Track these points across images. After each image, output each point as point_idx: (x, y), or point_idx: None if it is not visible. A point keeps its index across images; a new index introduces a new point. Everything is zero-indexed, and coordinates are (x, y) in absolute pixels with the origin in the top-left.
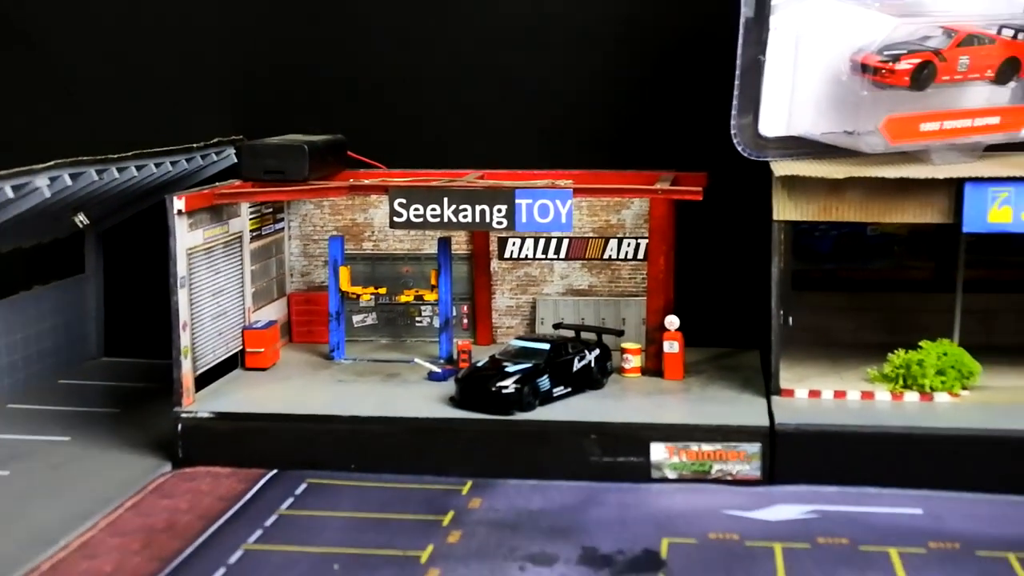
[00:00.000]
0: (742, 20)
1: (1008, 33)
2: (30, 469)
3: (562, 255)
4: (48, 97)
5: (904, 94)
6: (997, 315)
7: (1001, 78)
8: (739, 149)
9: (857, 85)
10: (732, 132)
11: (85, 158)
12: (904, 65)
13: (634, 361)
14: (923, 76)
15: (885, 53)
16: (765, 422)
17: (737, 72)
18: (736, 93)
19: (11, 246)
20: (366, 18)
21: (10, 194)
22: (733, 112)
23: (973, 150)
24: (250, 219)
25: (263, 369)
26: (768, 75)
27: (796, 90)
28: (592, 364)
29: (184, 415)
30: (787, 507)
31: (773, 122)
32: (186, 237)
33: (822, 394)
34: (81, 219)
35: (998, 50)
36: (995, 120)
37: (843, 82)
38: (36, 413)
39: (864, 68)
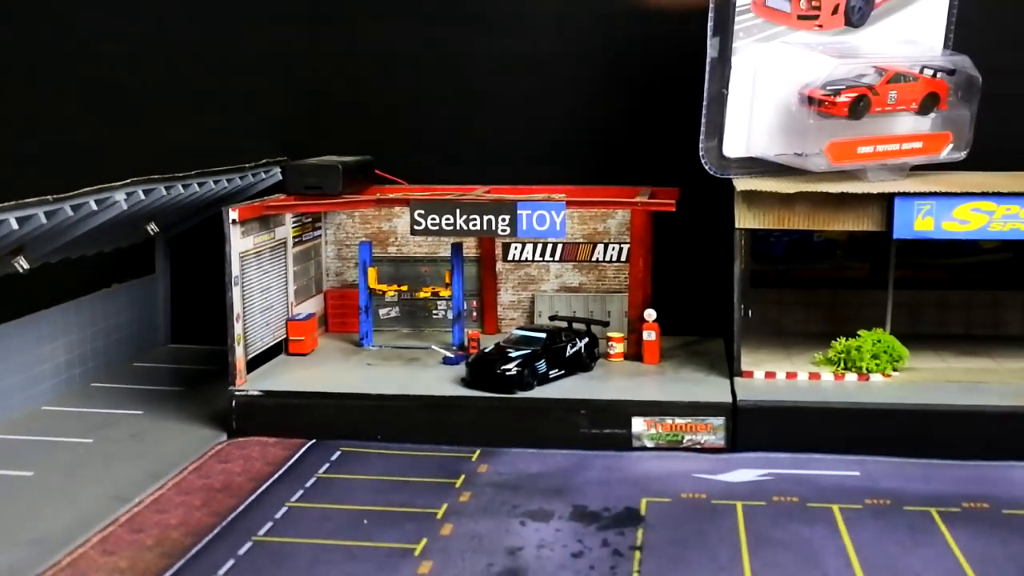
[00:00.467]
0: (708, 60)
1: (928, 72)
2: (110, 438)
3: (556, 258)
4: (124, 123)
5: (843, 122)
6: (922, 308)
7: (923, 110)
8: (706, 168)
9: (804, 115)
10: (700, 153)
11: (155, 176)
12: (844, 98)
13: (618, 347)
14: (859, 107)
15: (828, 88)
16: (728, 399)
17: (704, 103)
18: (703, 121)
19: (95, 250)
20: (391, 59)
21: (94, 207)
22: (701, 136)
23: (901, 169)
24: (293, 227)
25: (303, 354)
26: (730, 106)
27: (754, 118)
28: (582, 350)
29: (237, 393)
30: (747, 471)
31: (734, 145)
32: (239, 243)
33: (776, 375)
34: (152, 227)
35: (920, 87)
36: (918, 145)
37: (793, 112)
38: (114, 391)
39: (810, 100)
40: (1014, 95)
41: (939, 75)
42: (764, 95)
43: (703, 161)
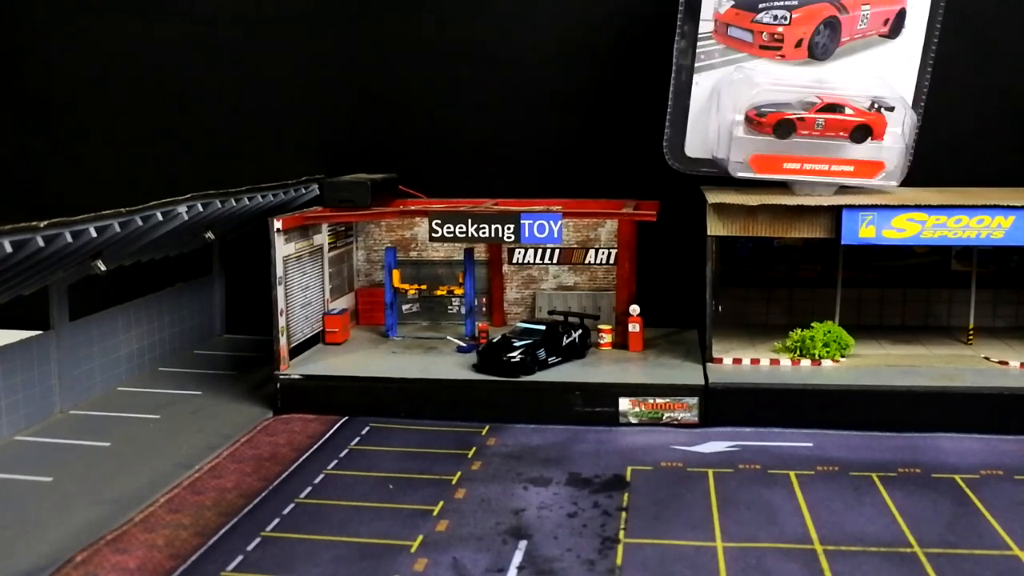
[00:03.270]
0: (673, 75)
1: (864, 106)
2: (175, 414)
3: (554, 261)
4: (188, 146)
5: (777, 141)
6: (865, 304)
7: (854, 139)
8: (668, 161)
9: (739, 129)
10: (664, 151)
11: (212, 192)
12: (768, 119)
13: (607, 338)
14: (783, 129)
15: (761, 109)
16: (701, 381)
17: (668, 112)
18: (668, 121)
19: (162, 255)
20: (413, 93)
21: (160, 218)
22: (665, 138)
23: (829, 188)
24: (328, 235)
25: (338, 343)
26: (690, 115)
27: (695, 127)
28: (576, 340)
29: (282, 376)
30: (717, 443)
31: (697, 147)
32: (283, 248)
33: (742, 361)
34: (209, 235)
35: (851, 118)
36: (850, 168)
37: (727, 125)
38: (178, 374)
39: (747, 119)
40: (943, 123)
41: (882, 110)
42: (715, 109)
43: (666, 156)
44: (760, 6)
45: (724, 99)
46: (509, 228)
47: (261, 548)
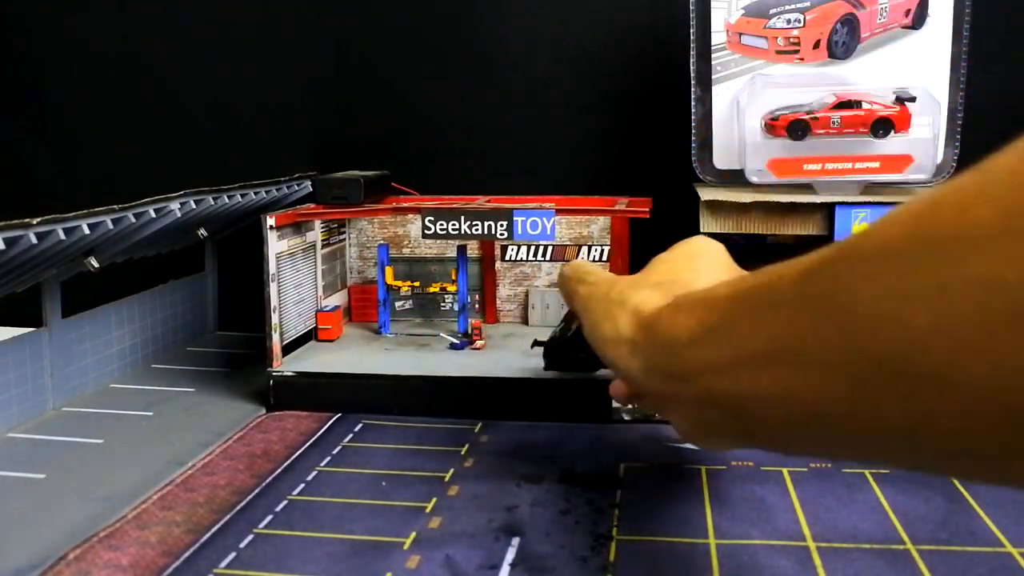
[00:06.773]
0: (693, 95)
1: (887, 99)
2: (167, 411)
3: (547, 258)
4: (181, 143)
5: (793, 143)
6: None
7: (875, 134)
8: (702, 178)
9: (757, 135)
10: (693, 164)
11: (205, 188)
12: (781, 122)
13: None
14: (797, 130)
15: (775, 113)
16: None
17: (693, 128)
18: (694, 138)
19: (154, 252)
20: (405, 90)
21: (152, 215)
22: (693, 151)
23: (855, 186)
24: (321, 232)
25: (331, 340)
26: (715, 128)
27: (718, 138)
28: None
29: (274, 374)
30: None
31: (724, 159)
32: (275, 245)
33: None
34: (202, 232)
35: (868, 113)
36: (875, 164)
37: (748, 133)
38: (171, 371)
39: (765, 125)
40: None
41: (904, 102)
42: (737, 120)
43: (696, 170)
44: (771, 11)
45: (743, 108)
46: (502, 225)
47: (254, 545)
